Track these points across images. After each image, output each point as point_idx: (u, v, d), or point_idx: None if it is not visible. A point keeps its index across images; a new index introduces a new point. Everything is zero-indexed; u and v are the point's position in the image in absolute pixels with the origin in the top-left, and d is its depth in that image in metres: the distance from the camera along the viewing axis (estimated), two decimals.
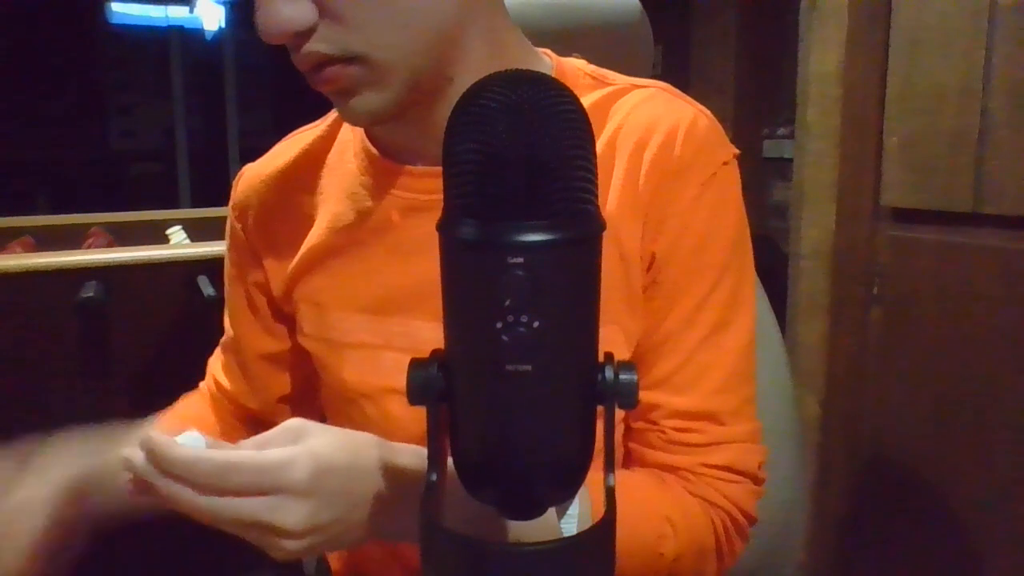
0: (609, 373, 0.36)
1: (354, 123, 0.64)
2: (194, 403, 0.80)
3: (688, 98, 0.65)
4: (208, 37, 5.09)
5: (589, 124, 0.34)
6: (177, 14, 5.08)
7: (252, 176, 0.73)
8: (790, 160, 1.53)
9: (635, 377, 0.36)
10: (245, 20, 5.12)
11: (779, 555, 0.85)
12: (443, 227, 0.35)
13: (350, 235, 0.66)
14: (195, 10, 4.94)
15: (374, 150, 0.66)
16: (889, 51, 1.33)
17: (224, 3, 4.98)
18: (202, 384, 0.81)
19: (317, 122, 0.74)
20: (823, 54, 1.40)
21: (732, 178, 0.63)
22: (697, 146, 0.61)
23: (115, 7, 4.98)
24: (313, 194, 0.69)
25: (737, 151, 0.64)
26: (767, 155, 2.13)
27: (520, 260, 0.32)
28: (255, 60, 5.54)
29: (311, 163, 0.70)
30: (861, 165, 1.40)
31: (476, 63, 0.59)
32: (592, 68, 0.67)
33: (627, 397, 0.36)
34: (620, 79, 0.66)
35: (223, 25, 5.08)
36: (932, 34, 1.27)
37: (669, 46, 2.38)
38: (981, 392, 1.25)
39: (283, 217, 0.70)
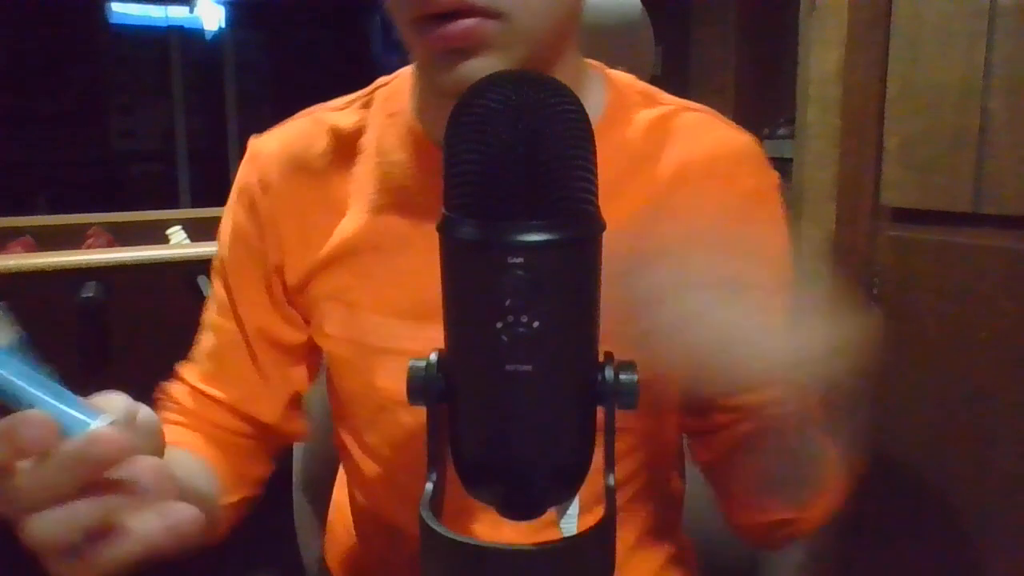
0: (609, 373, 0.36)
1: (461, 88, 0.62)
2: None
3: (732, 123, 0.69)
4: (208, 37, 5.09)
5: (589, 124, 0.34)
6: (177, 14, 5.09)
7: (274, 152, 0.67)
8: (790, 160, 1.53)
9: (635, 377, 0.36)
10: (245, 20, 5.13)
11: (779, 555, 0.85)
12: (443, 227, 0.35)
13: (393, 231, 0.62)
14: (195, 10, 4.94)
15: (432, 143, 0.62)
16: (889, 51, 1.33)
17: (224, 3, 4.98)
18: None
19: (338, 103, 0.69)
20: (823, 54, 1.40)
21: (780, 195, 0.68)
22: (761, 171, 0.67)
23: (115, 7, 4.98)
24: (345, 179, 0.65)
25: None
26: (767, 155, 2.13)
27: (520, 260, 0.32)
28: (255, 60, 5.54)
29: (343, 145, 0.65)
30: (861, 165, 1.40)
31: (566, 62, 0.60)
32: (641, 85, 0.69)
33: (627, 397, 0.36)
34: (668, 99, 0.68)
35: (223, 25, 5.08)
36: (932, 34, 1.27)
37: (669, 46, 2.38)
38: (981, 392, 1.25)
39: (309, 200, 0.65)
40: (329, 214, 0.65)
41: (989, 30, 1.20)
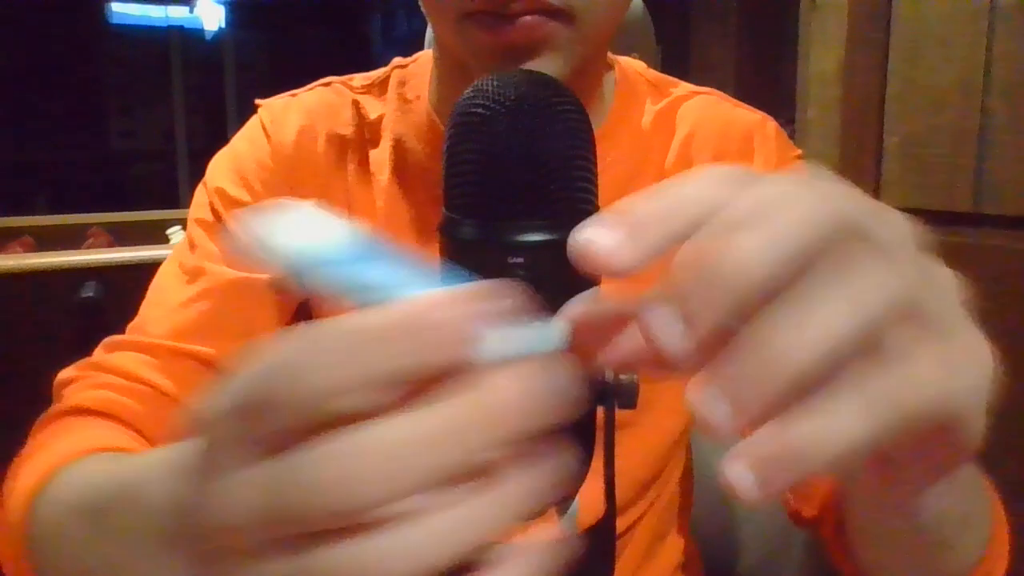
0: (609, 373, 0.36)
1: None
2: (96, 434, 0.50)
3: (745, 105, 0.66)
4: (208, 37, 5.09)
5: (589, 124, 0.34)
6: (177, 14, 5.09)
7: (293, 118, 0.62)
8: None
9: (635, 377, 0.36)
10: (245, 20, 5.14)
11: (779, 555, 0.85)
12: (443, 227, 0.35)
13: (413, 230, 0.60)
14: (195, 10, 4.95)
15: None
16: (889, 51, 1.33)
17: (224, 3, 4.98)
18: (83, 399, 0.52)
19: (355, 83, 0.64)
20: (823, 54, 1.40)
21: (804, 170, 0.65)
22: (778, 148, 0.63)
23: (115, 7, 4.99)
24: (365, 167, 0.61)
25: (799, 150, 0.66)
26: None
27: (520, 260, 0.32)
28: (255, 60, 5.54)
29: (367, 128, 0.62)
30: (861, 165, 1.40)
31: (602, 64, 0.59)
32: (652, 74, 0.67)
33: (627, 397, 0.36)
34: (680, 86, 0.66)
35: (223, 25, 5.09)
36: (932, 34, 1.27)
37: (669, 46, 2.38)
38: None
39: (325, 176, 0.61)
40: (344, 198, 0.61)
41: (989, 30, 1.20)
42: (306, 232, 0.24)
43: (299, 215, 0.24)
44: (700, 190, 0.24)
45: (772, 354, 0.21)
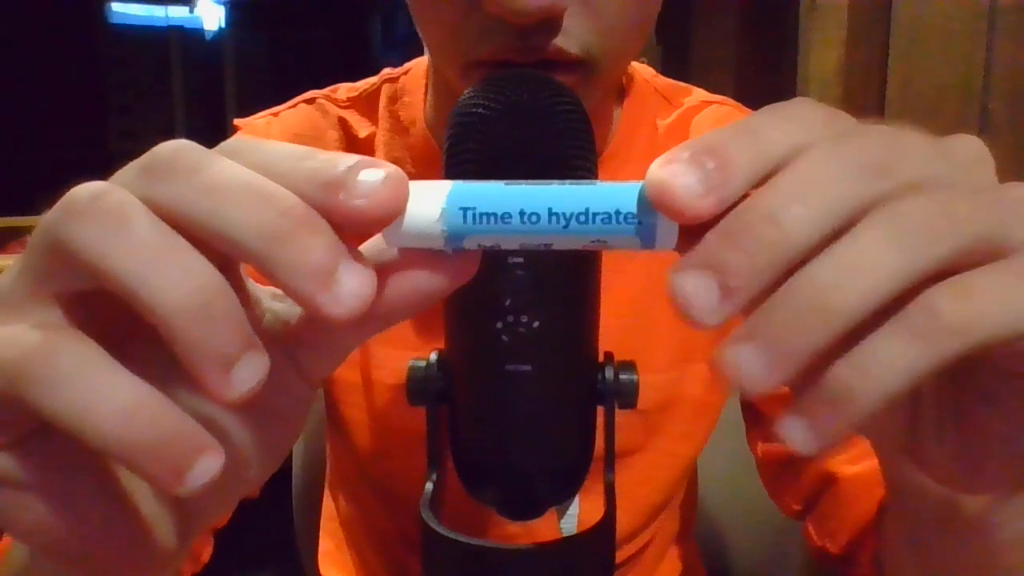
0: (609, 373, 0.36)
1: None
2: None
3: None
4: (208, 37, 5.09)
5: (589, 124, 0.34)
6: (177, 14, 5.09)
7: (277, 137, 0.59)
8: None
9: (635, 377, 0.36)
10: (245, 20, 5.14)
11: (779, 555, 0.85)
12: None
13: None
14: (195, 10, 4.95)
15: None
16: (889, 51, 1.33)
17: (224, 3, 4.98)
18: None
19: (340, 95, 0.62)
20: (823, 54, 1.40)
21: None
22: None
23: (115, 7, 4.99)
24: None
25: None
26: None
27: (520, 260, 0.32)
28: (255, 60, 5.54)
29: (356, 148, 0.59)
30: None
31: (613, 94, 0.56)
32: (662, 82, 0.64)
33: (627, 397, 0.36)
34: (690, 97, 0.63)
35: (223, 25, 5.09)
36: (932, 34, 1.27)
37: (669, 46, 2.38)
38: None
39: None
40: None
41: (989, 30, 1.20)
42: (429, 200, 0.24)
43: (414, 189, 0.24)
44: (785, 131, 0.23)
45: (814, 300, 0.20)
